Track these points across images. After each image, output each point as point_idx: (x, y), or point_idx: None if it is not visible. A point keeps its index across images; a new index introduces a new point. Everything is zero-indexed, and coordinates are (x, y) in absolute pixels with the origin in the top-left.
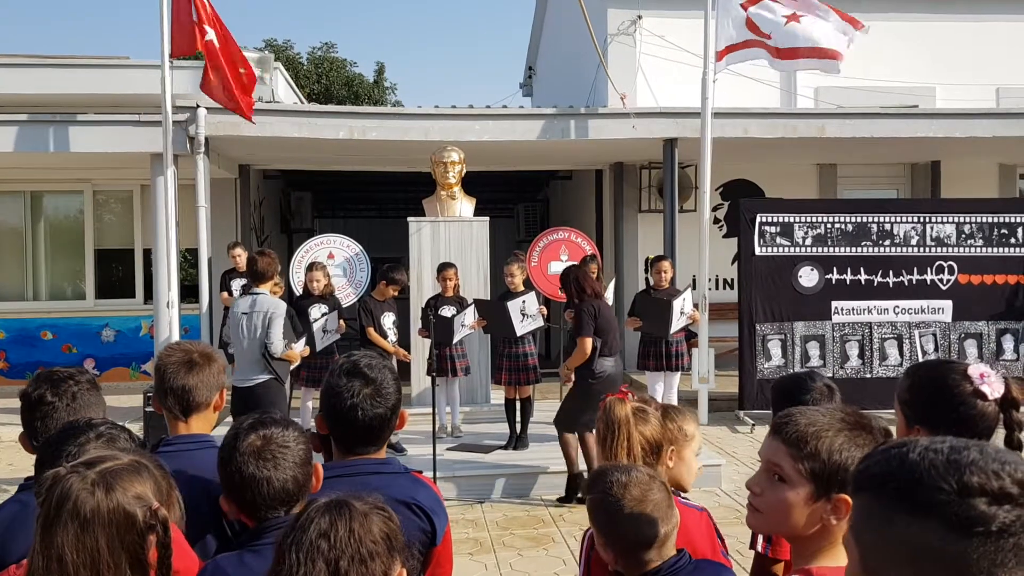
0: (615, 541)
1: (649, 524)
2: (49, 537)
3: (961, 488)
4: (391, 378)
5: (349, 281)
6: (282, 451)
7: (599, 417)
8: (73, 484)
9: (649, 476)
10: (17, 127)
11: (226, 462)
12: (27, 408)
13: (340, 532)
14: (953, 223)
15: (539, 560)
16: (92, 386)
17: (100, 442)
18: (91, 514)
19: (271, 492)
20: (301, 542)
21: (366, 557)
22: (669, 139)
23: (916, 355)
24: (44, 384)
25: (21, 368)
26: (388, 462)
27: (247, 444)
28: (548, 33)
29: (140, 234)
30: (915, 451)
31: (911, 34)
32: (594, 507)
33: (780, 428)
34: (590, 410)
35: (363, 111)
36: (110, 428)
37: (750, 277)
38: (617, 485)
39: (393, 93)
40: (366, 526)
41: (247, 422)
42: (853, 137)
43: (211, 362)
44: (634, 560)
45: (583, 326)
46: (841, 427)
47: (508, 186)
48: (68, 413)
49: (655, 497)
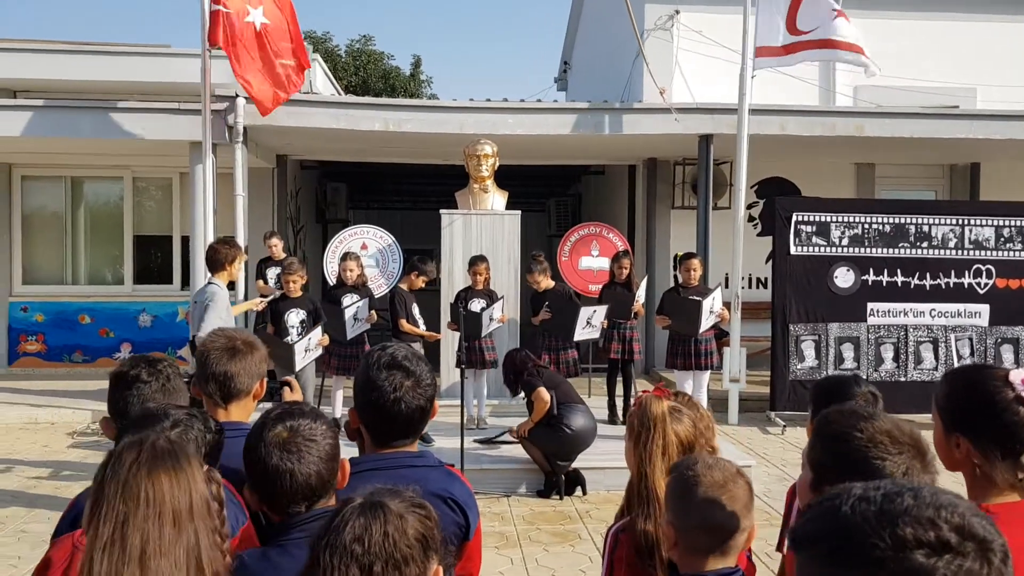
0: (682, 518)
1: (721, 510)
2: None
3: (896, 542)
4: (428, 370)
5: (381, 272)
6: (308, 444)
7: (632, 413)
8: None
9: (738, 471)
10: (59, 112)
11: (251, 451)
12: (122, 386)
13: (375, 535)
14: (992, 226)
15: (565, 557)
16: (180, 373)
17: (176, 431)
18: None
19: (293, 486)
20: (335, 545)
21: (400, 562)
22: (705, 135)
23: (952, 359)
24: (141, 364)
25: (59, 351)
26: (423, 455)
27: (273, 435)
28: (584, 28)
29: (178, 221)
30: (847, 503)
31: (951, 34)
32: (671, 482)
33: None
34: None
35: (399, 103)
36: (187, 414)
37: (785, 276)
38: (702, 465)
39: (429, 86)
40: (401, 528)
41: (276, 412)
42: (892, 137)
43: (254, 350)
44: (692, 546)
45: (531, 385)
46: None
47: (540, 180)
48: (162, 394)
49: (737, 491)
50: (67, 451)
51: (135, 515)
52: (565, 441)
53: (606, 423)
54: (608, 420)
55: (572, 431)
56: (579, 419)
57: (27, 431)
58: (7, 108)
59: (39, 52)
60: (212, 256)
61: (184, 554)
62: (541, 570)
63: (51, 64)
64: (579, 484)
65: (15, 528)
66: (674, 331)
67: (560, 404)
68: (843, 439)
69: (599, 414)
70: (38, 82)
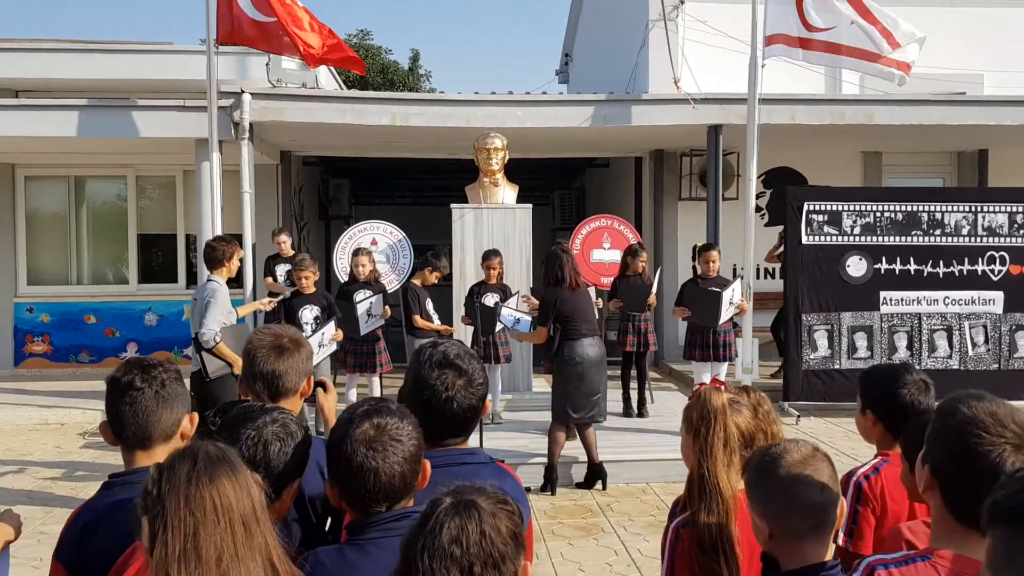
0: (769, 503)
1: (807, 487)
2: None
3: None
4: (479, 368)
5: (392, 267)
6: (394, 444)
7: (690, 406)
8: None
9: (815, 449)
10: (62, 112)
11: (335, 446)
12: (116, 392)
13: (472, 536)
14: (1005, 212)
15: (590, 550)
16: (179, 378)
17: (275, 427)
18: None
19: (376, 485)
20: (433, 548)
21: (498, 560)
22: (713, 125)
23: (966, 347)
24: (135, 370)
25: (65, 351)
26: (474, 452)
27: (360, 431)
28: (585, 20)
29: (183, 219)
30: None
31: (958, 21)
32: (750, 472)
33: None
34: (568, 395)
35: (406, 97)
36: (282, 413)
37: (796, 266)
38: (778, 448)
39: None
40: (496, 527)
41: (363, 408)
42: (902, 124)
43: (300, 347)
44: (787, 533)
45: (541, 316)
46: None
47: (544, 173)
48: (156, 402)
49: (819, 465)
50: (80, 451)
51: (204, 524)
52: (570, 379)
53: (621, 416)
54: (623, 413)
55: (575, 367)
56: (581, 352)
57: (38, 432)
58: (9, 108)
59: (40, 51)
60: (210, 253)
61: (260, 558)
62: (567, 564)
63: (53, 63)
64: (600, 478)
65: (34, 530)
66: (693, 322)
67: (566, 341)
68: (951, 413)
69: (614, 407)
70: (40, 81)
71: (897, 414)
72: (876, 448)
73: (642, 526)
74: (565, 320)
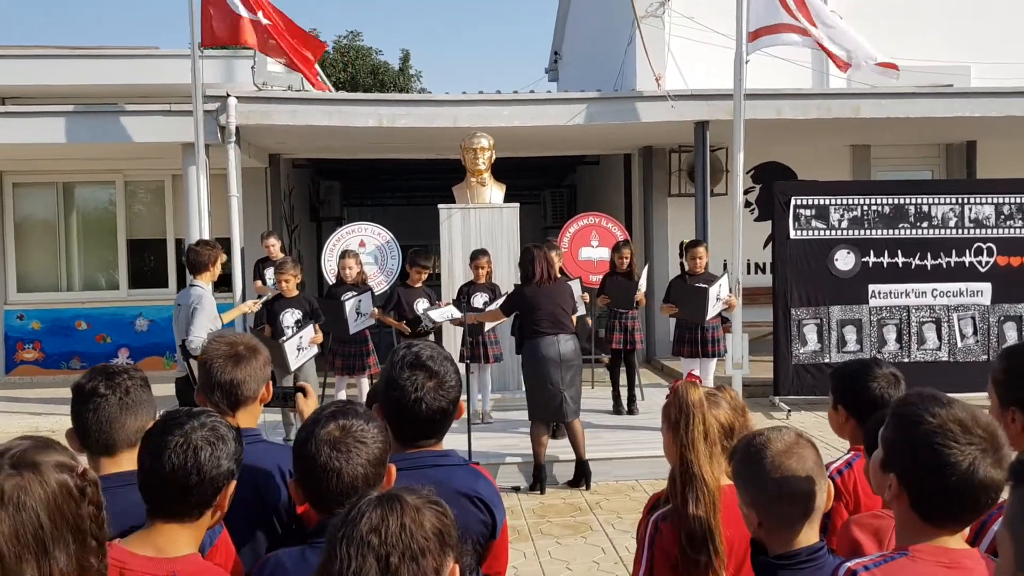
0: (757, 491)
1: (794, 473)
2: None
3: None
4: (453, 370)
5: (380, 269)
6: (358, 446)
7: (669, 403)
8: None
9: (799, 435)
10: (49, 118)
11: (300, 446)
12: (79, 399)
13: (391, 527)
14: (992, 204)
15: (578, 548)
16: (145, 384)
17: (204, 431)
18: (22, 494)
19: (339, 486)
20: (352, 536)
21: (417, 553)
22: (701, 121)
23: (955, 339)
24: (99, 377)
25: (56, 358)
26: (448, 454)
27: (325, 432)
28: (574, 18)
29: (172, 224)
30: None
31: (944, 12)
32: (737, 462)
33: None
34: (528, 392)
35: (392, 98)
36: (210, 417)
37: (785, 261)
38: (763, 437)
39: (418, 80)
40: (418, 521)
41: (330, 409)
42: (889, 117)
43: (257, 354)
44: (777, 520)
45: (503, 304)
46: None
47: (534, 172)
48: (120, 408)
49: (804, 452)
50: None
51: None
52: (527, 376)
53: (611, 413)
54: (613, 410)
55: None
56: (539, 350)
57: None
58: None
59: (25, 58)
60: (194, 258)
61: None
62: (555, 563)
63: (38, 70)
64: (584, 476)
65: None
66: (681, 319)
67: (525, 339)
68: (915, 422)
69: (603, 405)
70: (26, 88)
71: (867, 409)
72: (849, 443)
73: (630, 524)
74: (525, 316)
